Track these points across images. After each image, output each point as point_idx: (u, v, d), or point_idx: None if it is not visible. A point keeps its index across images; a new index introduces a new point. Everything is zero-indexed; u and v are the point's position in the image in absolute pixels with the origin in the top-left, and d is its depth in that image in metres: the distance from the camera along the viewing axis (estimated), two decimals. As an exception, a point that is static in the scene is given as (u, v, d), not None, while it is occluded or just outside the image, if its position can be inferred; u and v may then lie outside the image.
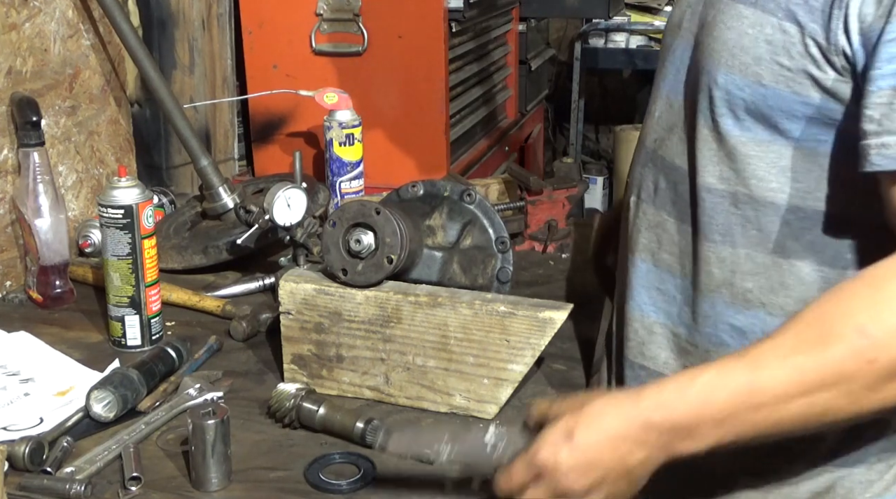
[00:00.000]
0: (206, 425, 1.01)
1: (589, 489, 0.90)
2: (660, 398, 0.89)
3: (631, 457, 0.89)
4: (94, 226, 1.68)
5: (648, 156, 1.09)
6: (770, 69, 0.93)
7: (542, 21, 3.30)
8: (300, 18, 2.03)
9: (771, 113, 0.94)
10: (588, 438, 0.89)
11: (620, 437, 0.89)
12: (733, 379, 0.87)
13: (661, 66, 1.10)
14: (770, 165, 0.96)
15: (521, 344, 1.13)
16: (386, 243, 1.15)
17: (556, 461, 0.89)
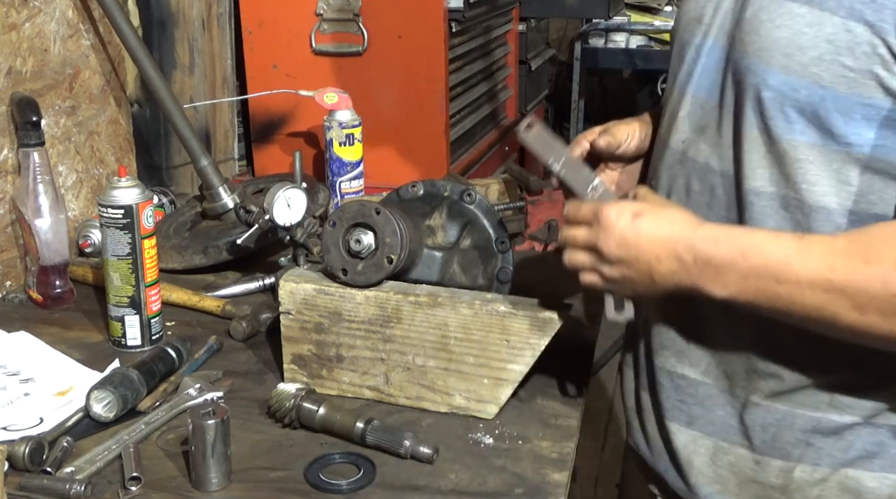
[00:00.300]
0: (206, 425, 1.01)
1: (618, 262, 1.00)
2: (713, 232, 0.97)
3: (660, 264, 0.98)
4: (94, 226, 1.68)
5: (676, 157, 1.07)
6: (831, 70, 0.90)
7: (542, 21, 3.30)
8: (300, 18, 2.03)
9: (827, 115, 0.92)
10: (646, 226, 0.98)
11: (667, 243, 0.97)
12: (779, 247, 0.92)
13: (680, 63, 1.08)
14: (821, 168, 0.94)
15: (521, 344, 1.14)
16: (386, 243, 1.15)
17: (613, 224, 0.99)
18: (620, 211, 0.99)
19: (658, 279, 0.98)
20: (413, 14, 1.99)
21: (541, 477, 1.06)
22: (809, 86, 0.92)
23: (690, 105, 1.06)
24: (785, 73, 0.93)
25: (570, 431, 1.16)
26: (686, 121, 1.06)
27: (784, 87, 0.93)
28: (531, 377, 1.23)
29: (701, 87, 1.04)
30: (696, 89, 1.05)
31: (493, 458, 1.09)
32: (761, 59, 0.95)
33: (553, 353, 1.32)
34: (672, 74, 1.11)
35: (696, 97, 1.05)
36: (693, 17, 1.07)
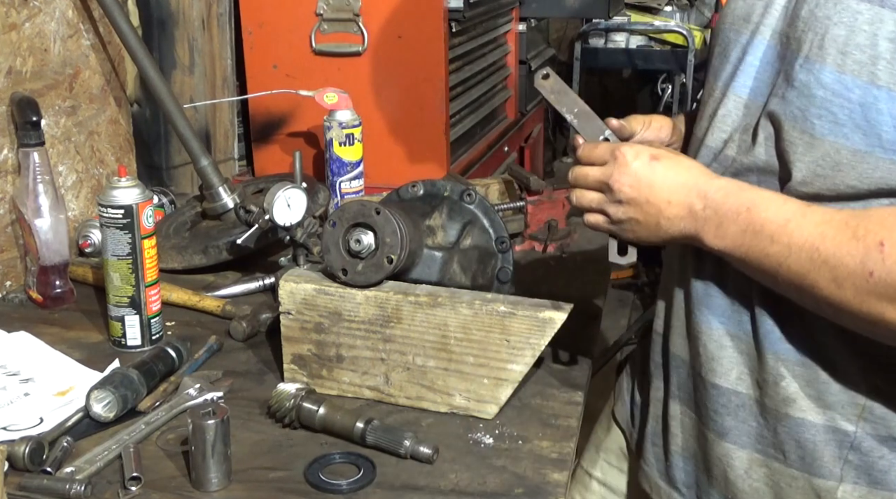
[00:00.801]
0: (206, 425, 1.01)
1: (630, 202, 1.02)
2: (727, 184, 0.99)
3: (670, 208, 1.00)
4: (94, 226, 1.68)
5: (711, 155, 1.06)
6: (889, 70, 0.88)
7: (542, 21, 3.30)
8: (300, 18, 2.03)
9: (878, 118, 0.89)
10: (663, 169, 1.01)
11: (681, 187, 0.99)
12: (783, 210, 0.94)
13: (724, 62, 1.06)
14: (863, 176, 0.91)
15: (521, 344, 1.13)
16: (386, 243, 1.15)
17: (628, 162, 1.02)
18: (638, 152, 1.02)
19: (664, 224, 1.00)
20: (413, 14, 1.99)
21: (541, 477, 1.06)
22: (864, 86, 0.89)
23: (733, 104, 1.04)
24: (839, 70, 0.90)
25: (570, 431, 1.16)
26: (726, 119, 1.05)
27: (838, 85, 0.91)
28: (531, 377, 1.23)
29: (744, 86, 1.03)
30: (739, 88, 1.04)
31: (493, 458, 1.09)
32: (816, 57, 0.93)
33: (553, 352, 1.32)
34: (713, 73, 1.09)
35: (739, 96, 1.04)
36: (740, 15, 1.05)
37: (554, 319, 1.13)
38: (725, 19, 1.09)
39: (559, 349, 1.33)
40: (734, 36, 1.06)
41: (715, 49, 1.10)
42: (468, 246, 1.29)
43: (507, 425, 1.16)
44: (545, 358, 1.29)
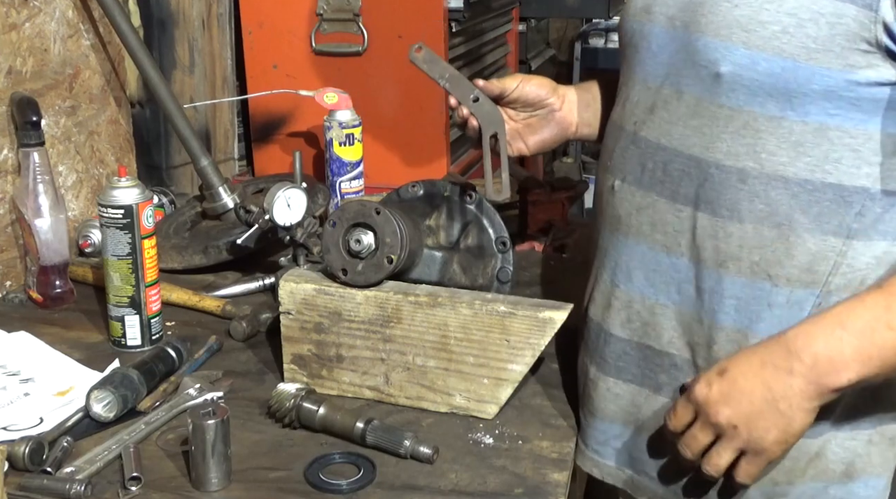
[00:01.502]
0: (206, 425, 1.01)
1: (742, 420, 0.97)
2: (802, 328, 0.97)
3: (777, 385, 0.95)
4: (94, 226, 1.68)
5: (629, 139, 1.10)
6: (794, 41, 0.94)
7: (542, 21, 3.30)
8: (300, 18, 2.03)
9: (788, 86, 0.95)
10: (738, 369, 0.98)
11: (766, 366, 0.96)
12: (870, 302, 0.94)
13: (634, 53, 1.11)
14: (781, 139, 0.97)
15: (521, 344, 1.13)
16: (386, 243, 1.15)
17: (708, 394, 0.99)
18: (704, 380, 1.00)
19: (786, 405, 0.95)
20: (413, 14, 1.98)
21: (541, 477, 1.06)
22: (771, 58, 0.95)
23: (641, 89, 1.09)
24: (746, 47, 0.96)
25: (570, 431, 1.16)
26: (638, 104, 1.09)
27: (745, 60, 0.97)
28: (531, 377, 1.23)
29: (649, 72, 1.08)
30: (645, 75, 1.09)
31: (493, 458, 1.09)
32: (720, 37, 0.98)
33: (553, 352, 1.32)
34: (625, 63, 1.15)
35: (645, 81, 1.09)
36: (641, 6, 1.11)
37: (554, 319, 1.13)
38: (628, 12, 1.14)
39: (559, 349, 1.33)
40: (637, 27, 1.11)
41: (622, 41, 1.16)
42: (468, 246, 1.29)
43: (507, 425, 1.16)
44: (545, 358, 1.29)
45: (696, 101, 1.02)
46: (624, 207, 1.10)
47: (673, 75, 1.05)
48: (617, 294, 1.11)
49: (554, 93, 1.33)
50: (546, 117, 1.34)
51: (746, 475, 1.00)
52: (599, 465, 1.17)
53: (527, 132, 1.34)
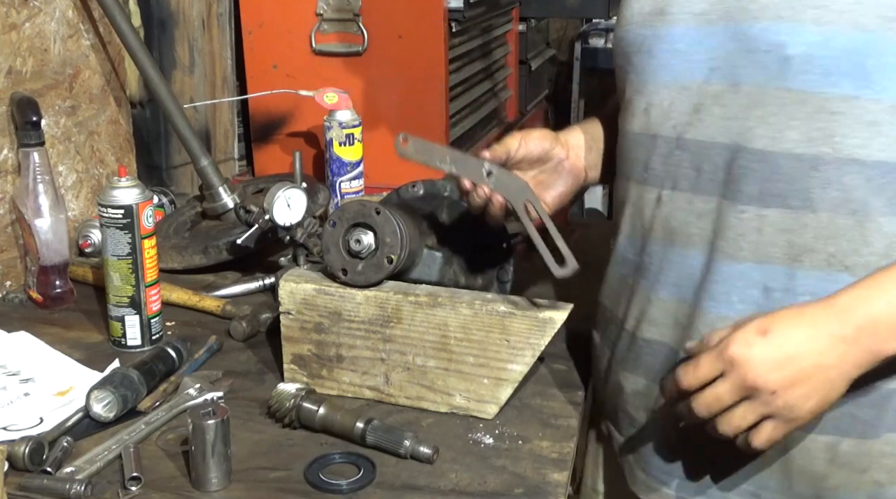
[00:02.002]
0: (206, 425, 1.01)
1: (783, 386, 0.91)
2: (856, 292, 0.92)
3: (830, 352, 0.90)
4: (94, 226, 1.68)
5: (671, 145, 1.05)
6: (870, 12, 0.91)
7: (542, 21, 3.30)
8: (300, 18, 2.03)
9: (864, 62, 0.92)
10: (785, 332, 0.91)
11: (819, 331, 0.91)
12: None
13: (649, 58, 1.07)
14: (855, 120, 0.94)
15: (521, 344, 1.13)
16: (386, 243, 1.15)
17: (749, 355, 0.91)
18: (742, 340, 0.92)
19: (836, 374, 0.91)
20: (413, 14, 1.99)
21: (541, 477, 1.06)
22: (846, 33, 0.91)
23: (673, 92, 1.05)
24: (817, 24, 0.92)
25: (570, 431, 1.16)
26: (672, 108, 1.05)
27: (816, 38, 0.93)
28: (531, 377, 1.23)
29: (680, 72, 1.04)
30: (674, 77, 1.05)
31: (493, 458, 1.09)
32: (783, 18, 0.95)
33: (553, 353, 1.32)
34: (633, 72, 1.10)
35: (677, 83, 1.04)
36: (650, 12, 1.07)
37: (554, 319, 1.13)
38: (629, 20, 1.10)
39: (559, 349, 1.33)
40: (650, 31, 1.07)
41: (627, 48, 1.10)
42: (468, 246, 1.29)
43: (507, 425, 1.16)
44: (545, 358, 1.29)
45: (759, 90, 0.97)
46: (678, 217, 1.05)
47: (722, 69, 1.00)
48: (680, 311, 1.06)
49: (557, 142, 1.24)
50: (556, 170, 1.25)
51: (768, 441, 0.94)
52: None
53: (541, 190, 1.23)
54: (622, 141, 1.14)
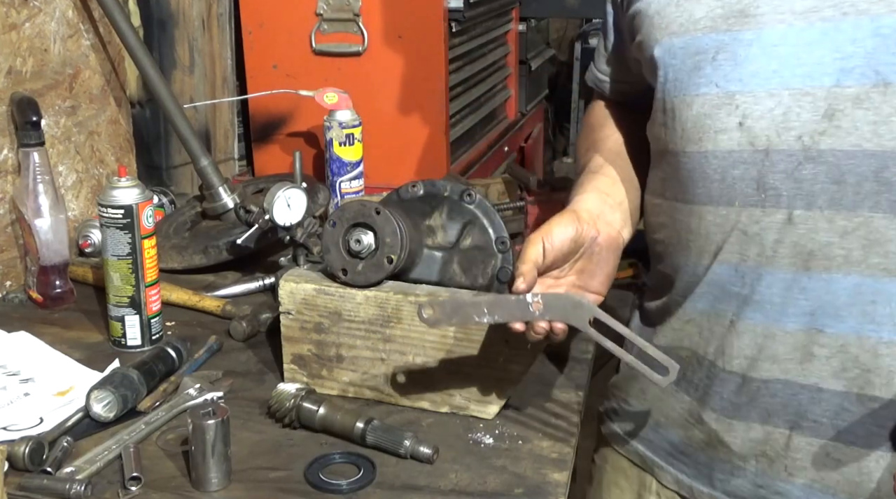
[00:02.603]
0: (206, 425, 1.01)
1: None
2: None
3: None
4: (94, 226, 1.68)
5: (798, 158, 0.94)
6: None
7: (542, 21, 3.30)
8: (300, 18, 2.03)
9: None
10: None
11: None
12: None
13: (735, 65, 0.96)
14: None
15: (521, 344, 1.13)
16: (386, 243, 1.15)
17: None
18: None
19: None
20: (413, 14, 1.99)
21: (541, 477, 1.06)
22: None
23: (789, 100, 0.94)
24: None
25: (570, 431, 1.16)
26: (792, 117, 0.94)
27: None
28: (531, 377, 1.23)
29: (795, 76, 0.94)
30: (785, 81, 0.94)
31: (493, 458, 1.09)
32: None
33: (553, 354, 1.32)
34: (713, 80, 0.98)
35: (794, 88, 0.94)
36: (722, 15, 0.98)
37: (554, 319, 1.13)
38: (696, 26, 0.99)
39: (559, 350, 1.33)
40: (725, 37, 0.97)
41: (696, 58, 0.99)
42: (468, 246, 1.29)
43: (507, 425, 1.16)
44: (545, 358, 1.29)
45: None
46: (818, 238, 0.95)
47: (859, 68, 0.91)
48: (822, 341, 0.96)
49: (580, 222, 1.07)
50: (593, 252, 1.09)
51: None
52: None
53: (588, 280, 1.09)
54: (693, 163, 1.01)
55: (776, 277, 0.98)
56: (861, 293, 0.94)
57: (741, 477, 1.07)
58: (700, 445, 1.10)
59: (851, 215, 0.93)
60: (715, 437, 1.08)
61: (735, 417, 1.05)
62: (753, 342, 1.01)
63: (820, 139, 0.93)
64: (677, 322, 1.11)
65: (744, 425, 1.04)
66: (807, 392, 0.99)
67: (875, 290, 0.94)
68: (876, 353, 0.94)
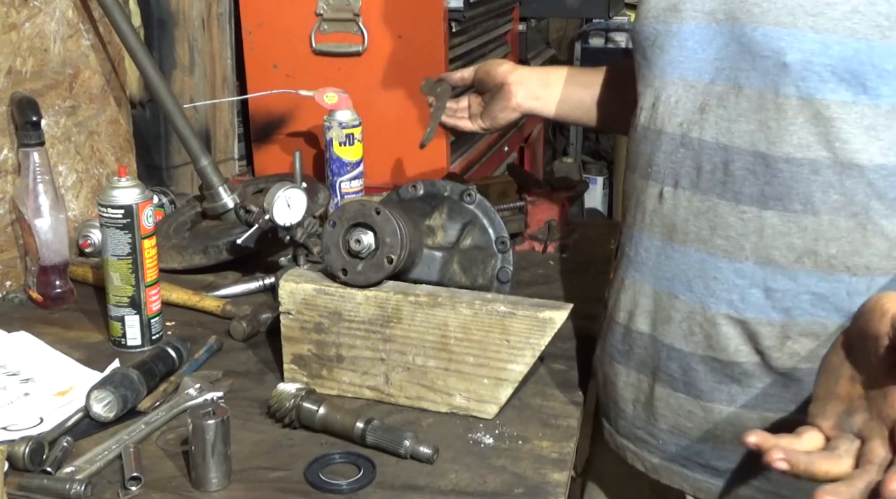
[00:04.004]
0: (206, 425, 1.01)
1: None
2: None
3: None
4: (94, 226, 1.68)
5: (675, 141, 1.06)
6: (866, 20, 0.92)
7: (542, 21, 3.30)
8: (300, 18, 2.03)
9: (861, 69, 0.93)
10: None
11: None
12: None
13: (661, 54, 1.08)
14: (853, 125, 0.95)
15: (521, 344, 1.13)
16: (386, 243, 1.15)
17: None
18: None
19: None
20: (413, 14, 1.99)
21: (541, 477, 1.06)
22: (843, 41, 0.93)
23: (680, 89, 1.05)
24: (815, 32, 0.94)
25: (570, 431, 1.16)
26: (679, 105, 1.05)
27: (814, 46, 0.94)
28: (531, 377, 1.23)
29: (689, 70, 1.04)
30: (682, 74, 1.05)
31: (493, 458, 1.09)
32: (782, 25, 0.95)
33: (553, 353, 1.32)
34: (646, 66, 1.11)
35: (685, 80, 1.05)
36: (665, 8, 1.08)
37: (554, 319, 1.13)
38: (646, 15, 1.11)
39: (559, 349, 1.33)
40: (663, 28, 1.07)
41: (642, 44, 1.11)
42: (468, 246, 1.29)
43: (507, 425, 1.16)
44: (545, 358, 1.29)
45: (759, 94, 0.99)
46: (679, 214, 1.06)
47: (726, 70, 1.01)
48: (677, 306, 1.08)
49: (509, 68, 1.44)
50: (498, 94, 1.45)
51: None
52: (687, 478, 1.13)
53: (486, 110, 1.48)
54: (632, 133, 1.15)
55: (651, 243, 1.10)
56: (705, 269, 1.05)
57: (624, 419, 1.19)
58: (601, 386, 1.23)
59: (704, 199, 1.04)
60: (608, 379, 1.20)
61: (620, 362, 1.17)
62: (633, 298, 1.13)
63: (692, 128, 1.04)
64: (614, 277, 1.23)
65: (624, 371, 1.17)
66: (665, 350, 1.10)
67: (716, 267, 1.04)
68: (714, 322, 1.05)
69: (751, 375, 1.05)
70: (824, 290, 0.99)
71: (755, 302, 1.02)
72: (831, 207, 0.97)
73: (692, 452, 1.11)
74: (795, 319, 1.01)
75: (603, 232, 1.84)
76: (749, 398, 1.06)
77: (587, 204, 4.43)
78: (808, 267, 0.99)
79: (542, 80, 1.44)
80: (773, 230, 1.00)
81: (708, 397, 1.08)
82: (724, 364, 1.06)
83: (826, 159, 0.96)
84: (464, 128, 1.53)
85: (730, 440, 1.08)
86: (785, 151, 0.98)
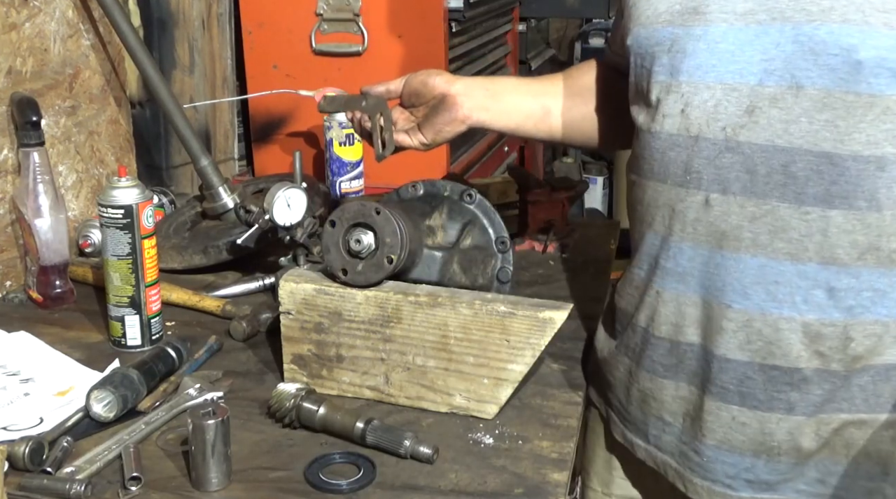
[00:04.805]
0: (206, 425, 1.01)
1: None
2: None
3: None
4: (94, 226, 1.68)
5: (720, 147, 1.03)
6: None
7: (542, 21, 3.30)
8: (300, 18, 2.03)
9: None
10: None
11: None
12: None
13: (683, 57, 1.04)
14: None
15: (521, 344, 1.13)
16: (386, 243, 1.15)
17: None
18: None
19: None
20: (413, 14, 1.99)
21: (541, 477, 1.06)
22: None
23: (721, 93, 1.02)
24: (889, 28, 0.93)
25: (570, 431, 1.16)
26: (720, 109, 1.02)
27: (888, 42, 0.93)
28: (531, 377, 1.23)
29: (728, 72, 1.02)
30: (720, 76, 1.02)
31: (493, 458, 1.09)
32: (851, 22, 0.95)
33: (553, 353, 1.32)
34: (666, 71, 1.07)
35: (726, 83, 1.02)
36: (680, 11, 1.06)
37: (554, 319, 1.13)
38: (658, 19, 1.08)
39: (559, 349, 1.33)
40: (679, 31, 1.05)
41: (655, 48, 1.08)
42: (468, 246, 1.29)
43: (507, 425, 1.16)
44: (545, 358, 1.29)
45: (825, 93, 0.97)
46: (730, 221, 1.03)
47: (778, 71, 0.99)
48: (730, 315, 1.05)
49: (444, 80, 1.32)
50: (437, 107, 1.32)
51: None
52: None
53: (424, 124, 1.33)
54: (649, 140, 1.10)
55: (696, 253, 1.07)
56: (765, 274, 1.03)
57: (670, 434, 1.15)
58: (637, 403, 1.19)
59: (760, 203, 1.01)
60: (649, 395, 1.16)
61: (665, 377, 1.13)
62: (678, 310, 1.10)
63: (740, 132, 1.02)
64: (629, 288, 1.18)
65: (673, 385, 1.13)
66: (717, 362, 1.07)
67: (778, 271, 1.02)
68: (777, 327, 1.03)
69: (810, 381, 1.04)
70: (885, 285, 1.00)
71: (818, 303, 1.01)
72: (895, 203, 0.98)
73: (741, 468, 1.09)
74: (858, 318, 1.01)
75: (603, 232, 1.83)
76: (808, 405, 1.04)
77: (587, 204, 4.43)
78: (871, 263, 1.00)
79: (487, 91, 1.33)
80: (837, 229, 0.99)
81: (766, 406, 1.06)
82: (784, 371, 1.04)
83: (892, 155, 0.97)
84: (402, 143, 1.34)
85: (786, 451, 1.07)
86: (853, 148, 0.97)
